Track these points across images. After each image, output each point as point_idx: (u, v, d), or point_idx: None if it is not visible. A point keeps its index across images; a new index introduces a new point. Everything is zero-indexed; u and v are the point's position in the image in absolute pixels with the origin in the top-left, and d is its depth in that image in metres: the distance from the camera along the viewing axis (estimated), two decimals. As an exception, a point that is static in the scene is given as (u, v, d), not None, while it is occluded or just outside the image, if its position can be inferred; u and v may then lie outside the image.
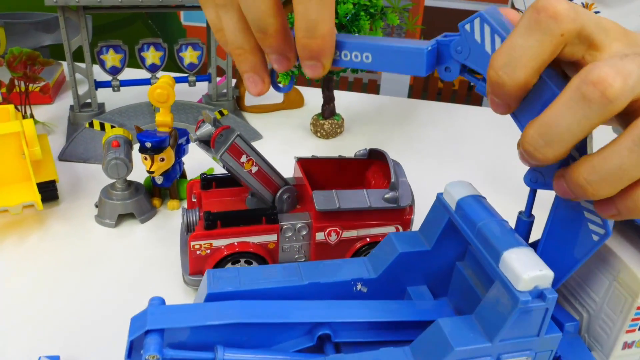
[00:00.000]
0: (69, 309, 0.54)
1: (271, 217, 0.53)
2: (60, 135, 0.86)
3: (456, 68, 0.37)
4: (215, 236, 0.52)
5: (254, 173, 0.54)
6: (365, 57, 0.38)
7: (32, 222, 0.66)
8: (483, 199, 0.39)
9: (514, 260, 0.33)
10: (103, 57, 0.86)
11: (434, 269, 0.43)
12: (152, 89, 0.65)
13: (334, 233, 0.54)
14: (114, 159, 0.63)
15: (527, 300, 0.32)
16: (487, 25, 0.35)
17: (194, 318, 0.35)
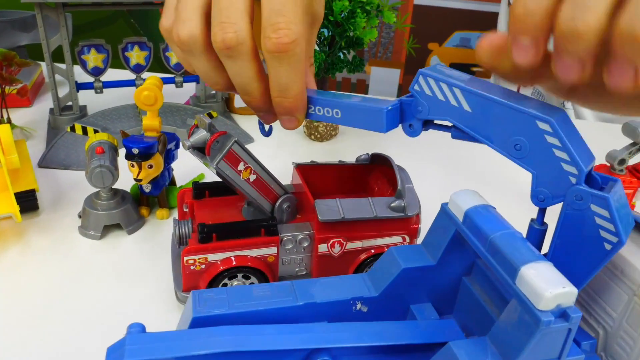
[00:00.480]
0: (50, 331, 0.50)
1: (270, 228, 0.50)
2: (40, 141, 0.82)
3: (419, 125, 0.41)
4: (210, 250, 0.49)
5: (252, 182, 0.50)
6: (335, 112, 0.43)
7: (10, 235, 0.62)
8: (493, 208, 0.36)
9: (534, 276, 0.30)
10: (84, 57, 0.82)
11: (438, 285, 0.40)
12: (138, 91, 0.61)
13: (338, 245, 0.51)
14: (98, 167, 0.60)
15: (549, 320, 0.29)
16: (430, 78, 0.39)
17: (178, 347, 0.32)
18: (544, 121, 0.35)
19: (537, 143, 0.35)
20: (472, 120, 0.38)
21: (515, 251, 0.32)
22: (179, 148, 0.67)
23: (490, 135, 0.37)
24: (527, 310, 0.30)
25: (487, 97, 0.37)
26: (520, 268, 0.31)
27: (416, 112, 0.40)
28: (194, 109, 0.89)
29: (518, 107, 0.36)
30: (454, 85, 0.38)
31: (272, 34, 0.39)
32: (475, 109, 0.38)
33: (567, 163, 0.35)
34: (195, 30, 0.41)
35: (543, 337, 0.30)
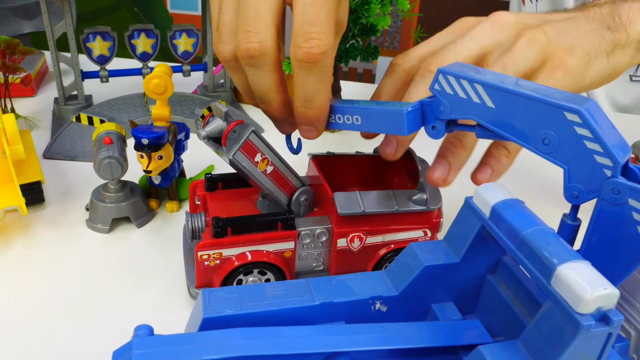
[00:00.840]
0: (56, 328, 0.48)
1: (288, 222, 0.48)
2: (45, 131, 0.81)
3: (442, 126, 0.40)
4: (225, 245, 0.47)
5: (269, 174, 0.48)
6: (355, 119, 0.43)
7: (15, 229, 0.61)
8: (522, 203, 0.34)
9: (572, 276, 0.28)
10: (90, 45, 0.80)
11: (461, 284, 0.38)
12: (148, 79, 0.59)
13: (357, 239, 0.49)
14: (107, 158, 0.58)
15: (590, 325, 0.27)
16: (450, 75, 0.38)
17: (188, 352, 0.30)
18: (572, 112, 0.33)
19: (566, 136, 0.34)
20: (496, 116, 0.36)
21: (550, 249, 0.29)
22: (188, 138, 0.65)
23: (516, 131, 0.36)
24: (565, 313, 0.28)
25: (511, 90, 0.35)
26: (556, 267, 0.28)
27: (438, 113, 0.39)
28: (201, 99, 0.87)
29: (544, 99, 0.34)
30: (475, 82, 0.37)
31: (304, 43, 0.40)
32: (498, 105, 0.36)
33: (601, 155, 0.33)
34: (232, 50, 0.43)
35: (581, 342, 0.28)
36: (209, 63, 0.87)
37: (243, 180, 0.52)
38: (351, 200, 0.48)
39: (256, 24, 0.41)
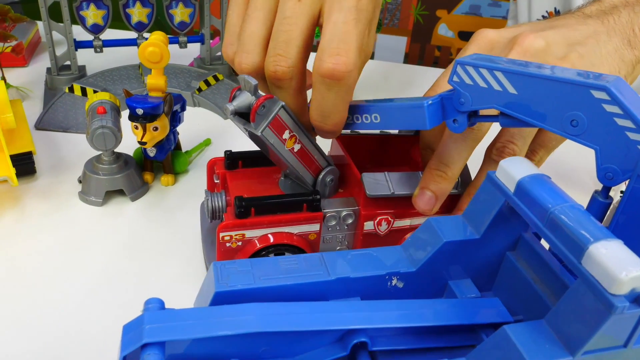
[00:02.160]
0: (49, 303, 0.47)
1: (314, 203, 0.46)
2: (37, 102, 0.78)
3: (463, 119, 0.39)
4: (248, 226, 0.45)
5: (296, 152, 0.45)
6: (374, 117, 0.43)
7: (5, 200, 0.59)
8: (549, 178, 0.33)
9: (605, 255, 0.26)
10: (83, 13, 0.77)
11: (480, 260, 0.37)
12: (143, 47, 0.57)
13: (385, 222, 0.48)
14: (100, 128, 0.56)
15: (624, 306, 0.26)
16: (468, 65, 0.37)
17: (202, 327, 0.29)
18: (599, 89, 0.32)
19: (595, 115, 0.33)
20: (519, 102, 0.36)
21: (581, 227, 0.28)
22: (185, 110, 0.63)
23: (541, 115, 0.35)
24: (597, 293, 0.27)
25: (533, 74, 0.34)
26: (588, 246, 0.27)
27: (459, 105, 0.38)
28: (198, 71, 0.84)
29: (568, 79, 0.33)
30: (494, 69, 0.36)
31: (330, 58, 0.40)
32: (521, 90, 0.35)
33: (633, 131, 0.32)
34: (256, 62, 0.44)
35: (613, 324, 0.27)
36: (206, 35, 0.85)
37: (264, 158, 0.50)
38: (379, 181, 0.46)
39: (286, 49, 0.42)
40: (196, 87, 0.80)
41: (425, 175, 0.46)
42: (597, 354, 0.28)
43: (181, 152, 0.65)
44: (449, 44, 2.18)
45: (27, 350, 0.42)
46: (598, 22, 0.50)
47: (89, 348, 0.43)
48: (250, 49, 0.44)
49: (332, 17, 0.41)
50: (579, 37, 0.47)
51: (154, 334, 0.28)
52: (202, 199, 0.60)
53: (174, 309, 0.30)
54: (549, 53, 0.45)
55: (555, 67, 0.36)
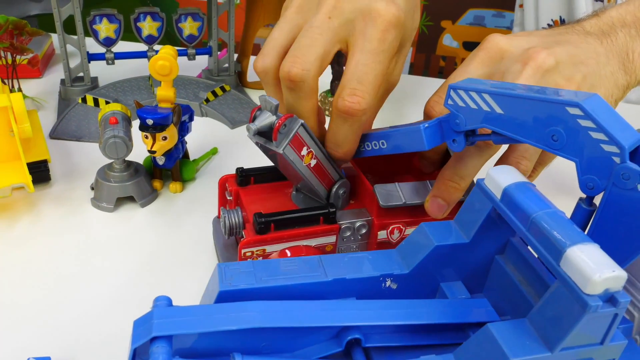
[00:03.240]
0: (63, 304, 0.49)
1: (330, 216, 0.48)
2: (51, 112, 0.81)
3: (461, 139, 0.42)
4: (269, 241, 0.46)
5: (312, 167, 0.47)
6: (382, 143, 0.47)
7: (22, 206, 0.61)
8: (533, 186, 0.35)
9: (581, 258, 0.29)
10: (96, 27, 0.80)
11: (470, 264, 0.39)
12: (153, 61, 0.59)
13: (397, 231, 0.49)
14: (112, 137, 0.58)
15: (597, 305, 0.28)
16: (460, 89, 0.40)
17: (207, 322, 0.31)
18: (572, 105, 0.35)
19: (572, 130, 0.35)
20: (506, 121, 0.38)
21: (560, 231, 0.30)
22: (192, 120, 0.66)
23: (526, 132, 0.37)
24: (573, 293, 0.29)
25: (514, 94, 0.37)
26: (565, 249, 0.29)
27: (455, 126, 0.41)
28: (206, 82, 0.87)
29: (545, 97, 0.36)
30: (482, 92, 0.39)
31: (348, 97, 0.44)
32: (506, 110, 0.38)
33: (607, 143, 0.34)
34: (270, 64, 0.47)
35: (588, 322, 0.28)
36: (214, 47, 0.88)
37: (274, 173, 0.52)
38: (391, 192, 0.48)
39: (305, 53, 0.44)
40: (204, 98, 0.83)
41: (438, 184, 0.47)
42: (575, 350, 0.30)
43: (189, 161, 0.68)
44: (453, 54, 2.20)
45: (41, 347, 0.44)
46: (597, 41, 0.51)
47: (101, 343, 0.45)
48: (267, 52, 0.47)
49: (355, 57, 0.44)
50: (582, 56, 0.49)
51: (162, 328, 0.30)
52: (208, 206, 0.63)
53: (181, 305, 0.32)
54: (557, 72, 0.47)
55: (534, 86, 0.39)
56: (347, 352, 0.34)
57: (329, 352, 0.34)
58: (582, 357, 0.30)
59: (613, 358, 0.31)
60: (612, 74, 0.50)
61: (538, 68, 0.46)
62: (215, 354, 0.32)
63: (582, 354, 0.30)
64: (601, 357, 0.31)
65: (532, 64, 0.46)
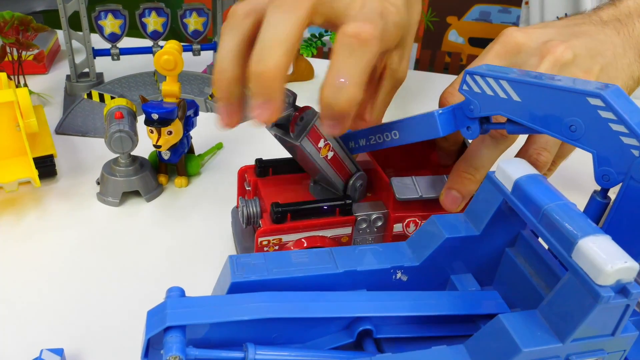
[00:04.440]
0: (72, 297, 0.49)
1: (346, 208, 0.48)
2: (57, 107, 0.81)
3: (476, 126, 0.41)
4: (285, 231, 0.47)
5: (329, 159, 0.47)
6: (394, 134, 0.46)
7: (28, 200, 0.61)
8: (544, 178, 0.35)
9: (593, 249, 0.29)
10: (101, 22, 0.80)
11: (480, 256, 0.39)
12: (158, 55, 0.60)
13: (413, 224, 0.49)
14: (117, 132, 0.59)
15: (609, 296, 0.28)
16: (476, 75, 0.39)
17: (220, 313, 0.31)
18: (594, 96, 0.34)
19: (591, 121, 0.35)
20: (523, 109, 0.38)
21: (572, 223, 0.30)
22: (197, 115, 0.66)
23: (543, 121, 0.37)
24: (585, 284, 0.29)
25: (534, 83, 0.37)
26: (577, 241, 0.29)
27: (469, 112, 0.41)
28: (211, 78, 0.87)
29: (566, 87, 0.35)
30: (500, 78, 0.38)
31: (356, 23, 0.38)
32: (524, 98, 0.37)
33: (627, 136, 0.33)
34: None
35: (600, 313, 0.29)
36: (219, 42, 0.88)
37: (292, 165, 0.52)
38: (407, 185, 0.48)
39: None
40: (209, 93, 0.83)
41: (453, 176, 0.47)
42: (586, 341, 0.30)
43: (194, 156, 0.68)
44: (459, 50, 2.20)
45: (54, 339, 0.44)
46: (614, 32, 0.51)
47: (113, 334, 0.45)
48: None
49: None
50: (599, 47, 0.49)
51: (176, 318, 0.30)
52: (214, 200, 0.63)
53: (193, 296, 0.32)
54: (575, 65, 0.47)
55: (555, 75, 0.38)
56: (359, 343, 0.35)
57: (341, 343, 0.34)
58: (593, 349, 0.30)
59: (624, 349, 0.31)
60: (628, 65, 0.49)
61: (556, 62, 0.46)
62: (228, 344, 0.32)
63: (593, 345, 0.30)
64: (612, 348, 0.31)
65: (550, 57, 0.46)
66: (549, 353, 0.29)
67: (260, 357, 0.31)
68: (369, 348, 0.34)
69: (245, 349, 0.31)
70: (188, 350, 0.30)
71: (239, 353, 0.31)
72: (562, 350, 0.30)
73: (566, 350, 0.30)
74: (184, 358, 0.29)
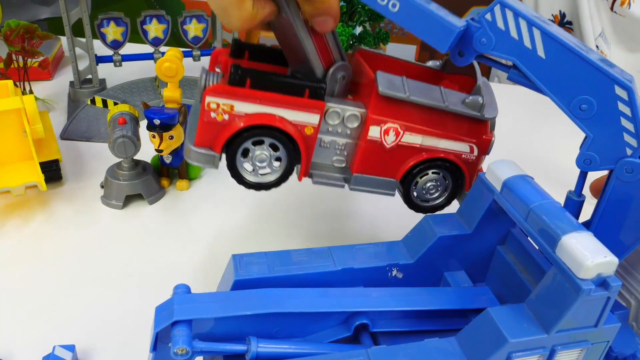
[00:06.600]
0: (81, 295, 0.51)
1: (317, 91, 0.41)
2: (61, 113, 0.83)
3: (471, 55, 0.36)
4: (240, 96, 0.39)
5: (315, 35, 0.41)
6: (392, 4, 0.37)
7: (35, 204, 0.63)
8: (531, 179, 0.37)
9: (575, 245, 0.30)
10: (104, 30, 0.82)
11: (473, 254, 0.40)
12: (159, 63, 0.61)
13: (393, 132, 0.42)
14: (121, 137, 0.60)
15: (590, 289, 0.30)
16: (509, 10, 0.34)
17: (224, 308, 0.33)
18: (623, 88, 0.33)
19: (607, 107, 0.34)
20: (542, 67, 0.35)
21: (556, 221, 0.32)
22: (199, 120, 0.68)
23: (556, 87, 0.35)
24: (567, 278, 0.30)
25: (569, 47, 0.34)
26: (561, 237, 0.31)
27: (477, 43, 0.36)
28: (211, 84, 0.89)
29: (600, 66, 0.33)
30: (534, 25, 0.34)
31: None
32: (550, 57, 0.34)
33: (631, 135, 0.34)
34: None
35: (582, 305, 0.30)
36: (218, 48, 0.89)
37: (271, 55, 0.46)
38: (394, 82, 0.41)
39: None
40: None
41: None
42: (570, 332, 0.32)
43: (196, 160, 0.70)
44: (456, 52, 2.21)
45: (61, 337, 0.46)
46: None
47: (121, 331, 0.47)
48: None
49: None
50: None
51: (183, 312, 0.32)
52: (214, 203, 0.65)
53: (199, 293, 0.34)
54: None
55: (590, 49, 0.36)
56: (356, 337, 0.36)
57: (338, 337, 0.35)
58: (578, 339, 0.32)
59: (607, 340, 0.33)
60: None
61: None
62: (232, 338, 0.33)
63: (577, 336, 0.32)
64: (596, 339, 0.32)
65: None
66: (535, 344, 0.31)
67: (262, 349, 0.33)
68: (365, 341, 0.36)
69: (248, 342, 0.33)
70: (194, 343, 0.31)
71: (242, 346, 0.33)
72: (548, 341, 0.31)
73: (552, 341, 0.31)
74: (191, 350, 0.31)
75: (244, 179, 0.44)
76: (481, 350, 0.31)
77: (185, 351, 0.30)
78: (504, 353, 0.31)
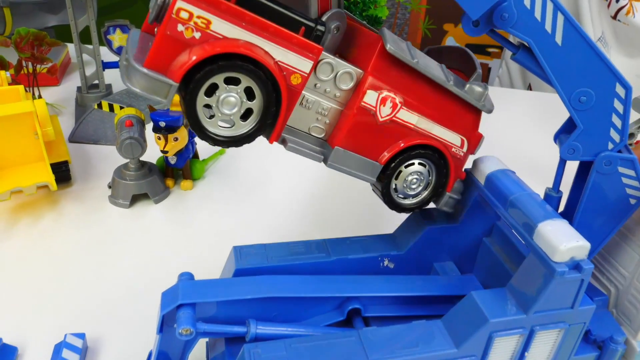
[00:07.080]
0: (90, 288, 0.54)
1: (315, 32, 0.34)
2: (69, 117, 0.86)
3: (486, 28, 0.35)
4: (222, 11, 0.31)
5: None
6: None
7: (45, 203, 0.66)
8: (512, 173, 0.39)
9: (550, 231, 0.33)
10: (110, 37, 0.85)
11: (460, 245, 0.43)
12: (165, 68, 0.64)
13: (390, 104, 0.37)
14: (128, 139, 0.63)
15: (563, 271, 0.32)
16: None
17: (226, 292, 0.35)
18: (623, 86, 0.35)
19: (603, 103, 0.35)
20: (555, 53, 0.34)
21: (533, 210, 0.35)
22: (203, 123, 0.70)
23: (564, 75, 0.35)
24: (543, 262, 0.33)
25: (587, 38, 0.34)
26: (537, 225, 0.34)
27: (497, 17, 0.33)
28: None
29: (610, 62, 0.35)
30: (560, 10, 0.34)
31: None
32: (566, 44, 0.34)
33: (617, 131, 0.36)
34: None
35: (557, 287, 0.33)
36: None
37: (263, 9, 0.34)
38: (401, 45, 0.37)
39: None
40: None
41: None
42: (548, 313, 0.34)
43: (199, 160, 0.72)
44: (456, 56, 2.24)
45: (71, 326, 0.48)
46: None
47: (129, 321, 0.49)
48: None
49: None
50: None
51: (187, 296, 0.34)
52: (217, 202, 0.67)
53: (202, 279, 0.36)
54: None
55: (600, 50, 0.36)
56: (349, 321, 0.39)
57: (333, 321, 0.38)
58: (555, 320, 0.34)
59: (584, 322, 0.35)
60: None
61: None
62: (233, 322, 0.36)
63: (554, 317, 0.34)
64: (573, 320, 0.35)
65: None
66: (515, 324, 0.34)
67: (261, 331, 0.35)
68: (358, 325, 0.38)
69: (248, 325, 0.35)
70: (198, 325, 0.34)
71: (242, 328, 0.35)
72: (527, 321, 0.34)
73: (530, 321, 0.34)
74: (195, 331, 0.33)
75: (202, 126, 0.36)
76: (464, 330, 0.34)
77: (189, 331, 0.33)
78: (485, 332, 0.33)
